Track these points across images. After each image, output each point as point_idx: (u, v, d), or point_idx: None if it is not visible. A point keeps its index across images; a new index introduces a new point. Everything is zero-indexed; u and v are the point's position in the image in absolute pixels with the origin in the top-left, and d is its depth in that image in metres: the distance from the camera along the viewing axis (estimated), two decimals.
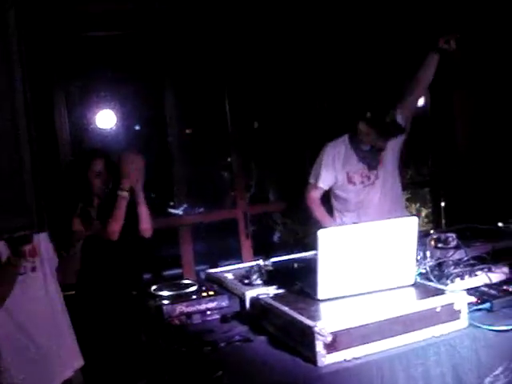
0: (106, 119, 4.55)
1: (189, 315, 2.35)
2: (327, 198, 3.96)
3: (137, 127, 5.34)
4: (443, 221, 5.38)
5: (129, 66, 4.52)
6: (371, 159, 3.78)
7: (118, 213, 3.30)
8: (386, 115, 3.64)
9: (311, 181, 3.86)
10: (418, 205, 7.30)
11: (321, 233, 2.12)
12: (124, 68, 4.51)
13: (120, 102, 4.54)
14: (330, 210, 3.96)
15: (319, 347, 1.87)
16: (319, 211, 3.85)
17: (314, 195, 3.85)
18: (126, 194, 3.32)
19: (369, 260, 2.19)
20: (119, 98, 4.56)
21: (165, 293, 2.52)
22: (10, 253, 2.39)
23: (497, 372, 2.14)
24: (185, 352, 2.12)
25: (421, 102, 5.44)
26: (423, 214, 7.17)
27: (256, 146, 5.37)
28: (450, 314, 2.10)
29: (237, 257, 4.77)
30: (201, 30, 4.41)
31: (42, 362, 2.67)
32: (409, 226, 2.23)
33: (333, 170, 3.79)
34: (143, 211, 3.42)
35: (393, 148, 3.84)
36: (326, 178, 3.80)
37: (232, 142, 4.83)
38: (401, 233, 2.23)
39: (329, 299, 2.17)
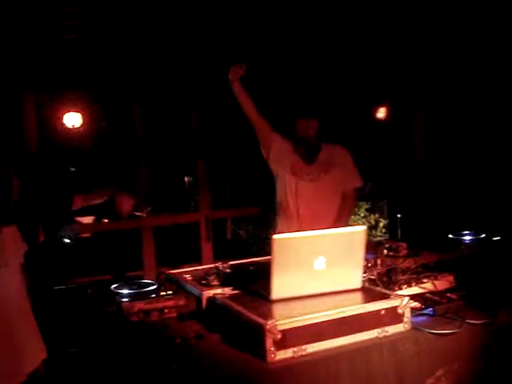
0: (73, 120, 4.60)
1: (147, 312, 2.41)
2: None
3: (103, 130, 5.39)
4: (399, 231, 5.56)
5: (98, 69, 4.56)
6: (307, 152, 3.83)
7: None
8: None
9: None
10: (376, 215, 7.56)
11: (275, 238, 2.22)
12: (93, 71, 4.56)
13: (87, 106, 4.60)
14: None
15: (269, 344, 1.95)
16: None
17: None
18: None
19: (319, 264, 2.28)
20: (87, 102, 4.61)
21: (125, 291, 2.58)
22: None
23: (438, 374, 2.24)
24: (142, 348, 2.20)
25: (380, 116, 5.66)
26: (381, 224, 7.42)
27: (221, 152, 5.48)
28: (394, 317, 2.19)
29: (198, 259, 4.84)
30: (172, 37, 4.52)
31: (13, 350, 2.74)
32: (357, 235, 2.34)
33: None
34: None
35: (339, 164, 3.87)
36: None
37: (196, 147, 4.93)
38: (349, 240, 2.33)
39: (281, 300, 2.25)
